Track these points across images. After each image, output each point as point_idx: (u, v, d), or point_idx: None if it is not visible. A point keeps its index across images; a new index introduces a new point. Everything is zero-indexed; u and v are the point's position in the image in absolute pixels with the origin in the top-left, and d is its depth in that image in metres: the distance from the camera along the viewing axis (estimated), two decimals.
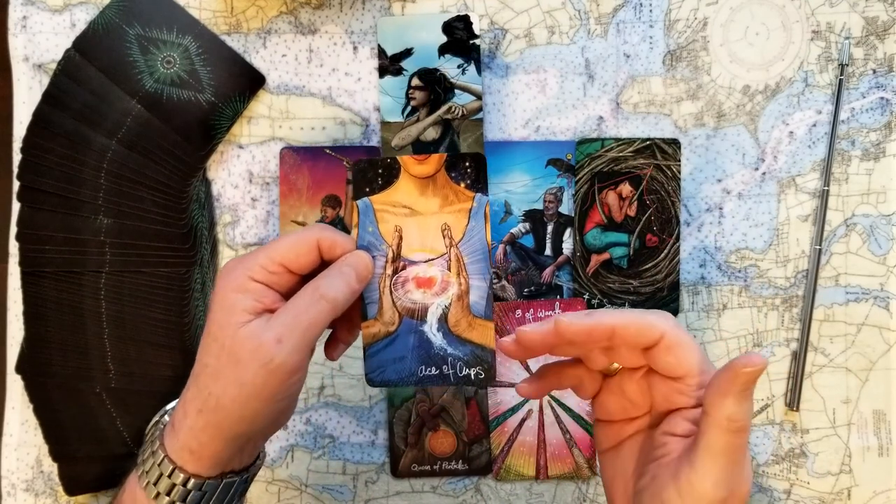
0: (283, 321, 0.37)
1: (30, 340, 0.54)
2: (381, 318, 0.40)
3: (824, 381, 0.57)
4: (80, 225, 0.54)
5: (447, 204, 0.40)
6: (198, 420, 0.37)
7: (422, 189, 0.40)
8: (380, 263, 0.40)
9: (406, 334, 0.40)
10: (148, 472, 0.38)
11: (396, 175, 0.40)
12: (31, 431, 0.56)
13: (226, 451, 0.38)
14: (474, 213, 0.40)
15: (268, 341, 0.36)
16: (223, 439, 0.38)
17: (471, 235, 0.40)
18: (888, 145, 0.57)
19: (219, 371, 0.37)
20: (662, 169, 0.56)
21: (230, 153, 0.57)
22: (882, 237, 0.57)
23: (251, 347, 0.36)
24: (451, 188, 0.40)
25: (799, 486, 0.57)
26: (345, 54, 0.57)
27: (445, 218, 0.40)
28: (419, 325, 0.40)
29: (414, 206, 0.40)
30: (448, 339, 0.39)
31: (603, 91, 0.57)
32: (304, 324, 0.37)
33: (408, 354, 0.40)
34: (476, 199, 0.40)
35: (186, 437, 0.38)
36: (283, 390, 0.37)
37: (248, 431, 0.38)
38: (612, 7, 0.57)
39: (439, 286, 0.40)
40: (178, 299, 0.54)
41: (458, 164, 0.40)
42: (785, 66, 0.57)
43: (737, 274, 0.57)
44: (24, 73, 0.56)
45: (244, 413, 0.37)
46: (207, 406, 0.37)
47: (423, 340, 0.40)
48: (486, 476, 0.57)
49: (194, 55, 0.55)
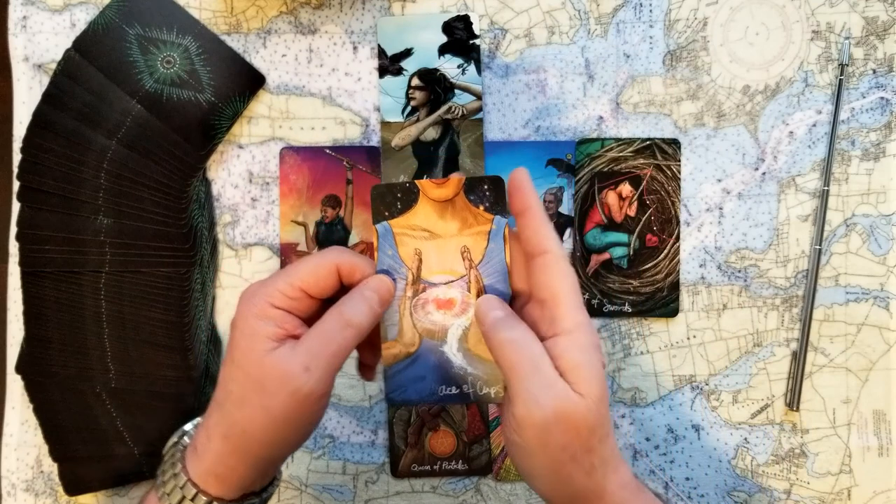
0: (310, 348, 0.37)
1: (30, 340, 0.54)
2: (402, 340, 0.40)
3: (824, 381, 0.57)
4: (80, 225, 0.54)
5: (466, 227, 0.40)
6: (224, 446, 0.38)
7: (441, 212, 0.40)
8: (400, 286, 0.40)
9: (426, 354, 0.40)
10: (169, 494, 0.38)
11: (415, 199, 0.40)
12: (31, 431, 0.56)
13: (250, 474, 0.38)
14: (493, 235, 0.40)
15: (295, 370, 0.36)
16: (249, 464, 0.38)
17: (490, 257, 0.40)
18: (888, 145, 0.57)
19: (244, 398, 0.37)
20: (662, 169, 0.56)
21: (230, 153, 0.57)
22: (882, 237, 0.57)
23: (278, 376, 0.36)
24: (470, 211, 0.40)
25: (799, 486, 0.57)
26: (345, 54, 0.57)
27: (465, 240, 0.40)
28: (439, 346, 0.40)
29: (433, 230, 0.40)
30: (468, 359, 0.40)
31: (603, 91, 0.57)
32: (331, 351, 0.37)
33: (428, 374, 0.40)
34: (495, 221, 0.40)
35: (212, 461, 0.38)
36: (311, 416, 0.38)
37: (274, 455, 0.38)
38: (612, 7, 0.57)
39: (459, 307, 0.40)
40: (178, 299, 0.54)
41: (476, 187, 0.40)
42: (785, 66, 0.57)
43: (737, 274, 0.57)
44: (24, 73, 0.56)
45: (272, 439, 0.37)
46: (233, 432, 0.37)
47: (444, 360, 0.40)
48: (486, 476, 0.57)
49: (194, 55, 0.55)
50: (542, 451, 0.36)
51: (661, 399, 0.57)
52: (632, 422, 0.57)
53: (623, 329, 0.57)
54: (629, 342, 0.57)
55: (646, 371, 0.57)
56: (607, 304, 0.56)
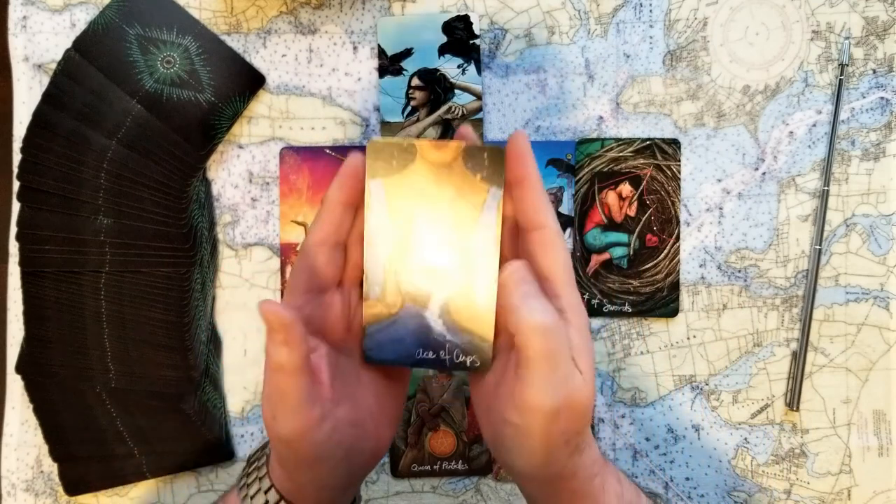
0: (267, 395, 0.37)
1: (30, 340, 0.54)
2: (384, 300, 0.40)
3: (824, 381, 0.57)
4: (80, 225, 0.54)
5: (460, 194, 0.39)
6: (281, 471, 0.39)
7: (436, 176, 0.39)
8: (388, 246, 0.40)
9: (407, 318, 0.39)
10: (253, 497, 0.39)
11: (412, 159, 0.40)
12: (31, 431, 0.56)
13: (317, 496, 0.39)
14: (487, 205, 0.39)
15: (268, 421, 0.37)
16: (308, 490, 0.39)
17: (481, 227, 0.39)
18: (888, 145, 0.57)
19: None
20: (662, 169, 0.56)
21: (230, 153, 0.57)
22: (882, 237, 0.57)
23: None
24: (466, 178, 0.39)
25: (799, 486, 0.57)
26: (345, 54, 0.57)
27: (458, 207, 0.39)
28: (421, 311, 0.39)
29: (427, 193, 0.39)
30: (448, 326, 0.39)
31: (603, 91, 0.57)
32: (279, 395, 0.36)
33: (407, 337, 0.39)
34: (490, 192, 0.39)
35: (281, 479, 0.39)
36: (315, 450, 0.37)
37: (321, 484, 0.39)
38: (612, 7, 0.57)
39: (444, 274, 0.39)
40: (178, 299, 0.54)
41: (475, 155, 0.39)
42: (785, 66, 0.57)
43: (737, 274, 0.57)
44: (24, 73, 0.56)
45: (304, 479, 0.38)
46: (279, 463, 0.39)
47: (424, 325, 0.39)
48: (486, 476, 0.57)
49: (194, 55, 0.55)
50: (541, 435, 0.35)
51: (661, 399, 0.57)
52: (632, 422, 0.57)
53: (623, 329, 0.57)
54: (629, 342, 0.57)
55: (646, 371, 0.57)
56: (607, 304, 0.56)
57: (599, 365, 0.57)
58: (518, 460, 0.37)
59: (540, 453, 0.36)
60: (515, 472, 0.38)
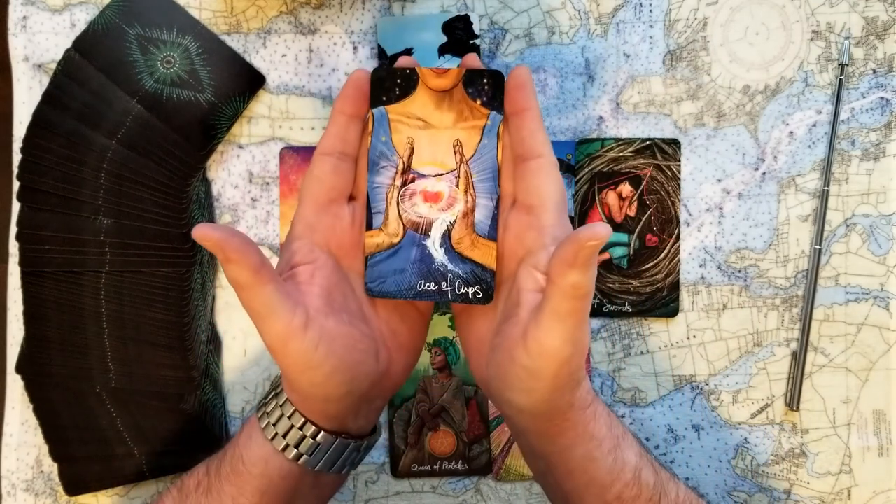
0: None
1: (30, 340, 0.54)
2: (386, 229, 0.39)
3: (824, 381, 0.57)
4: (80, 225, 0.54)
5: (461, 119, 0.39)
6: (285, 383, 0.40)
7: (437, 102, 0.39)
8: (389, 174, 0.39)
9: (409, 247, 0.39)
10: (275, 424, 0.39)
11: (414, 86, 0.40)
12: (31, 431, 0.56)
13: (328, 409, 0.39)
14: (487, 130, 0.39)
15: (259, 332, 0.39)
16: (313, 402, 0.39)
17: (482, 153, 0.39)
18: (888, 145, 0.57)
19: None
20: (662, 169, 0.56)
21: (230, 153, 0.57)
22: (882, 237, 0.57)
23: None
24: (467, 104, 0.39)
25: (799, 486, 0.57)
26: (345, 54, 0.57)
27: (458, 133, 0.39)
28: (422, 239, 0.39)
29: (428, 119, 0.39)
30: (450, 256, 0.39)
31: (603, 91, 0.57)
32: (248, 311, 0.36)
33: (408, 267, 0.39)
34: (490, 117, 0.39)
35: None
36: (302, 357, 0.37)
37: (319, 394, 0.38)
38: (612, 7, 0.57)
39: (446, 202, 0.39)
40: (178, 299, 0.54)
41: (476, 81, 0.39)
42: (785, 66, 0.57)
43: (737, 274, 0.57)
44: (24, 73, 0.56)
45: (306, 390, 0.38)
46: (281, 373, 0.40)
47: (425, 255, 0.39)
48: (486, 476, 0.57)
49: (194, 55, 0.55)
50: (552, 378, 0.36)
51: (661, 399, 0.57)
52: (632, 422, 0.57)
53: (623, 329, 0.57)
54: (629, 342, 0.57)
55: (646, 371, 0.57)
56: (607, 304, 0.56)
57: (599, 365, 0.57)
58: (520, 397, 0.37)
59: (547, 392, 0.36)
60: (513, 406, 0.39)
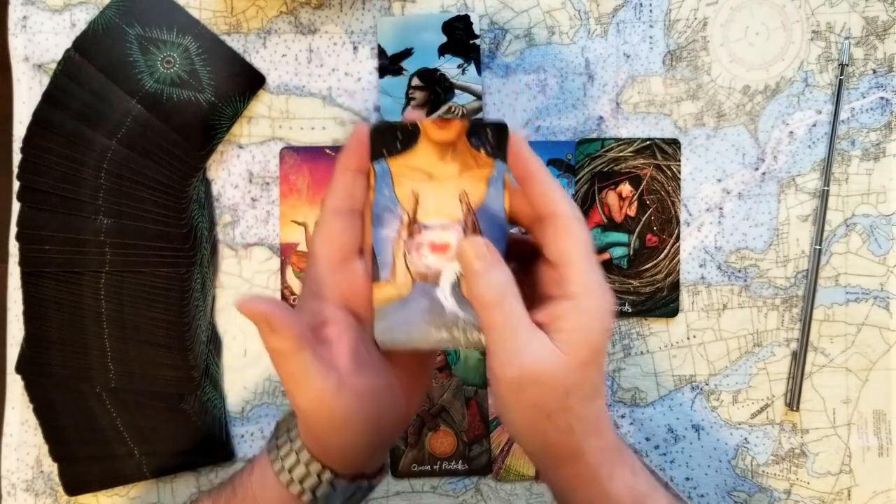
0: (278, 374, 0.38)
1: (30, 340, 0.54)
2: (394, 281, 0.39)
3: (824, 381, 0.57)
4: (80, 225, 0.54)
5: (466, 170, 0.39)
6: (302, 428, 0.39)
7: (441, 154, 0.39)
8: (395, 227, 0.39)
9: (418, 298, 0.39)
10: (284, 458, 0.39)
11: (415, 139, 0.39)
12: (31, 431, 0.56)
13: (351, 457, 0.39)
14: (493, 180, 0.39)
15: (288, 395, 0.38)
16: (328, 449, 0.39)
17: (488, 202, 0.39)
18: (888, 145, 0.57)
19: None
20: (662, 169, 0.56)
21: (230, 153, 0.57)
22: (882, 237, 0.57)
23: None
24: (471, 154, 0.39)
25: (799, 486, 0.57)
26: (345, 54, 0.57)
27: (464, 184, 0.39)
28: (432, 289, 0.39)
29: (432, 171, 0.39)
30: (460, 304, 0.39)
31: (603, 91, 0.57)
32: (283, 376, 0.37)
33: (418, 318, 0.39)
34: (495, 166, 0.39)
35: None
36: (336, 419, 0.37)
37: (337, 443, 0.38)
38: (612, 7, 0.57)
39: (454, 252, 0.39)
40: (178, 299, 0.54)
41: (479, 131, 0.39)
42: (785, 66, 0.57)
43: (737, 274, 0.57)
44: (24, 73, 0.56)
45: (332, 445, 0.38)
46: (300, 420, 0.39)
47: (435, 304, 0.39)
48: (486, 476, 0.57)
49: (194, 55, 0.55)
50: (516, 406, 0.36)
51: (661, 399, 0.57)
52: (632, 422, 0.57)
53: (623, 329, 0.57)
54: (629, 342, 0.57)
55: (646, 371, 0.57)
56: None
57: None
58: (513, 433, 0.38)
59: (522, 424, 0.37)
60: (520, 446, 0.40)
